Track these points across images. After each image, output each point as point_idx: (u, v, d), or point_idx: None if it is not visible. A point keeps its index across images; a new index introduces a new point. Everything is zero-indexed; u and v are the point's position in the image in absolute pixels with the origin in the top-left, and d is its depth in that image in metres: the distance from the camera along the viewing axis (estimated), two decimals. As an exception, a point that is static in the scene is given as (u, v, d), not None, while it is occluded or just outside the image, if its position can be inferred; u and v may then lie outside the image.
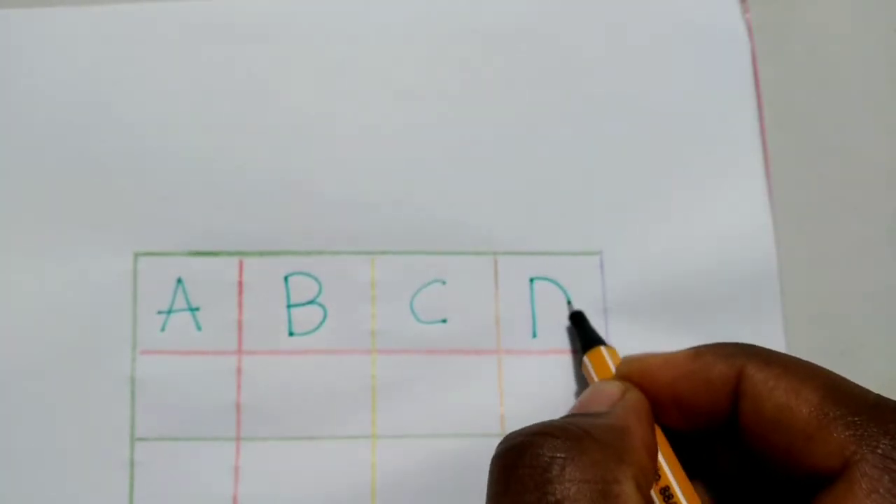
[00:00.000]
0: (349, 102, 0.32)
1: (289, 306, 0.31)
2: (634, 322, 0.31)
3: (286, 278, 0.31)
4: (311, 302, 0.31)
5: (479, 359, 0.31)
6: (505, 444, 0.21)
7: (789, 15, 0.34)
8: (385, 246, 0.31)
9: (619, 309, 0.31)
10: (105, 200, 0.31)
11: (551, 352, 0.31)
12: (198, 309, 0.31)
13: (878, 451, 0.20)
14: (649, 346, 0.30)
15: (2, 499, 0.29)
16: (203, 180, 0.31)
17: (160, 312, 0.30)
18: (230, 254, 0.31)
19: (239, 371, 0.30)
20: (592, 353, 0.28)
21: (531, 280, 0.31)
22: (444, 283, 0.31)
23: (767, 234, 0.32)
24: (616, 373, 0.27)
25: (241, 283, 0.31)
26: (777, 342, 0.31)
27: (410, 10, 0.33)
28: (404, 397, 0.30)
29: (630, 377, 0.25)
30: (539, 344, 0.31)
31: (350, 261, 0.31)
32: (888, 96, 0.34)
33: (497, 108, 0.33)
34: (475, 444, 0.30)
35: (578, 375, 0.30)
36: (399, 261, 0.31)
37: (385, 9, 0.33)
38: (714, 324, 0.31)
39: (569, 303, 0.31)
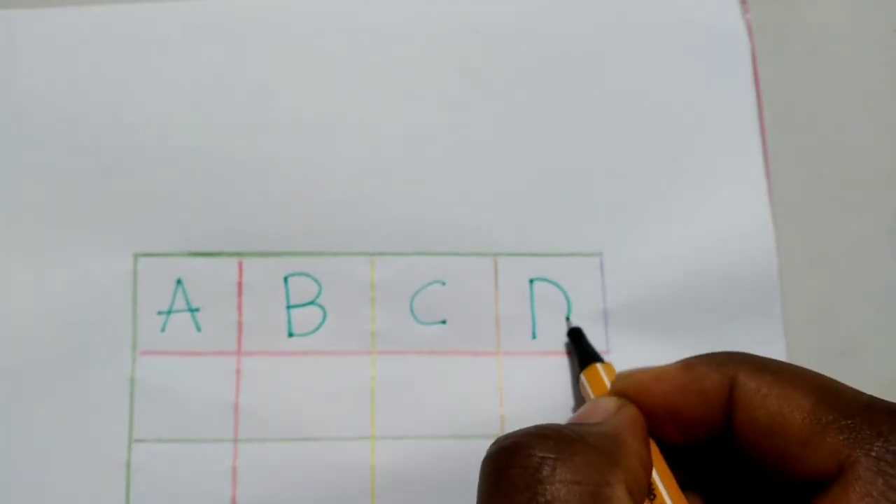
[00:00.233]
0: (349, 102, 0.32)
1: (288, 307, 0.31)
2: (635, 323, 0.31)
3: (286, 279, 0.31)
4: (310, 303, 0.31)
5: (478, 360, 0.31)
6: (496, 444, 0.21)
7: (789, 15, 0.34)
8: (385, 247, 0.31)
9: (620, 310, 0.31)
10: (105, 201, 0.31)
11: (551, 353, 0.31)
12: (197, 310, 0.31)
13: (872, 453, 0.20)
14: (649, 347, 0.30)
15: (1, 499, 0.29)
16: (203, 180, 0.31)
17: (160, 313, 0.30)
18: (230, 254, 0.31)
19: (238, 372, 0.30)
20: (589, 371, 0.28)
21: (531, 281, 0.31)
22: (443, 284, 0.31)
23: (767, 234, 0.32)
24: (611, 389, 0.27)
25: (240, 284, 0.31)
26: (777, 342, 0.31)
27: (410, 10, 0.33)
28: (404, 398, 0.30)
29: (625, 393, 0.25)
30: (539, 345, 0.31)
31: (350, 262, 0.31)
32: (888, 96, 0.34)
33: (497, 109, 0.32)
34: (475, 445, 0.29)
35: (578, 377, 0.30)
36: (399, 262, 0.31)
37: (385, 9, 0.33)
38: (714, 324, 0.31)
39: (567, 319, 0.31)
